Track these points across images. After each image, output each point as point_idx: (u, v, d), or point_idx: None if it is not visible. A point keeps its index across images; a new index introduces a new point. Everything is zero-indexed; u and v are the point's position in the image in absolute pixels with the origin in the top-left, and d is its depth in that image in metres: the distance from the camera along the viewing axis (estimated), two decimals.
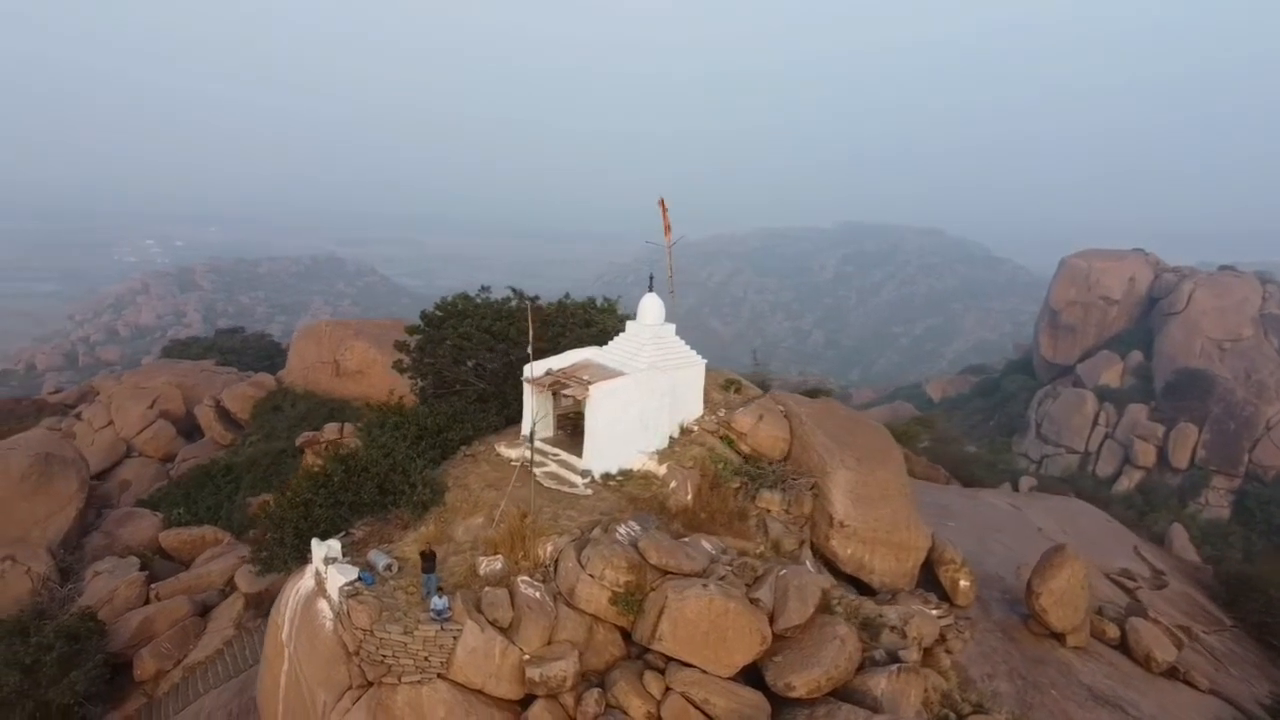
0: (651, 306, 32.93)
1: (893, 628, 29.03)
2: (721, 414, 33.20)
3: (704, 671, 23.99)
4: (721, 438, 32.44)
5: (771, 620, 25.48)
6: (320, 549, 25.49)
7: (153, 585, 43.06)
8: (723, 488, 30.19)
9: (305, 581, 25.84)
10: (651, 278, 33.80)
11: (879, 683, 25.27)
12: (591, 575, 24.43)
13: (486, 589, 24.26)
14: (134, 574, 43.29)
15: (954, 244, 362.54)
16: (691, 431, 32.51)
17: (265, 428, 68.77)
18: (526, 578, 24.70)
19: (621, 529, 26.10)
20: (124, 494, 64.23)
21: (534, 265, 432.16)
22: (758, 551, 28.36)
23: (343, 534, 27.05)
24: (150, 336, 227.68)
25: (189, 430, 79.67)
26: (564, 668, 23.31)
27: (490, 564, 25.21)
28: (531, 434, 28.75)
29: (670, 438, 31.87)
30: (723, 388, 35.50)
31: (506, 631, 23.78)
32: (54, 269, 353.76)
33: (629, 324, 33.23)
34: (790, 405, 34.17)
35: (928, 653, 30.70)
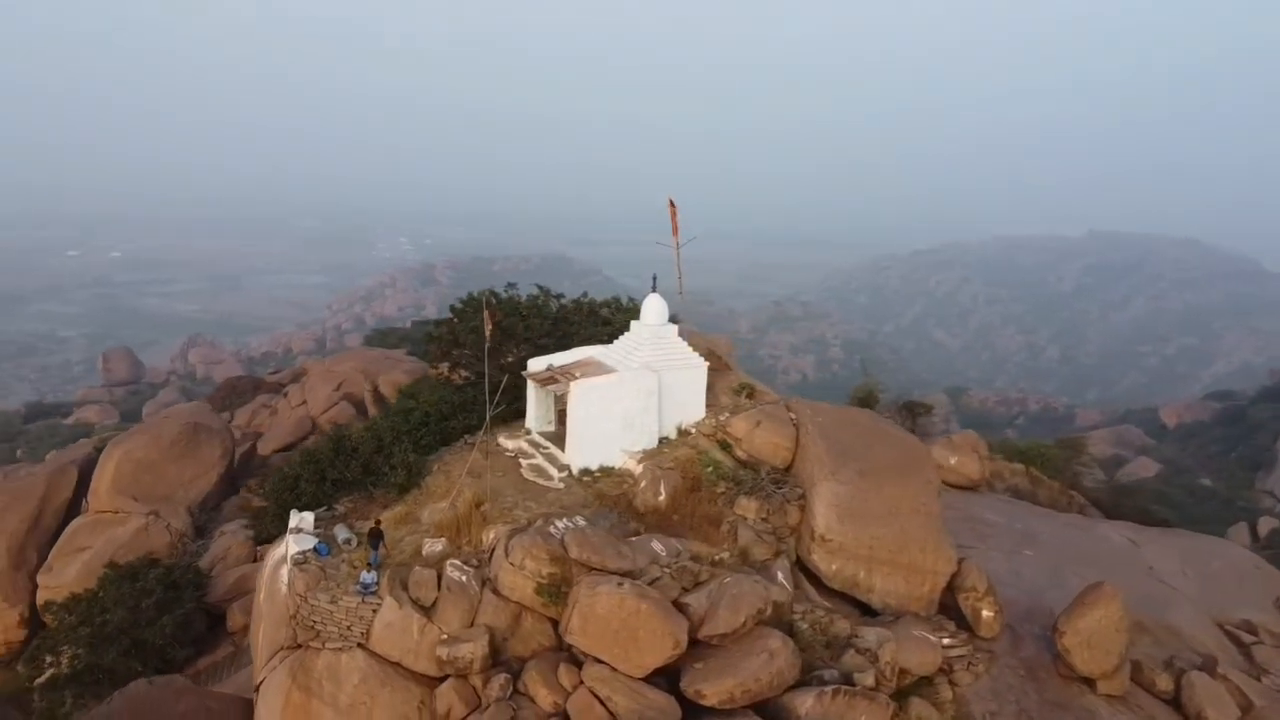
0: (652, 307, 33.19)
1: (864, 650, 27.84)
2: (724, 418, 32.83)
3: (614, 669, 24.16)
4: (718, 442, 32.13)
5: (701, 626, 25.28)
6: (294, 519, 27.80)
7: (259, 546, 47.61)
8: (703, 491, 29.96)
9: (280, 549, 28.22)
10: (655, 278, 34.01)
11: (805, 701, 24.55)
12: (513, 564, 25.20)
13: (416, 568, 25.60)
14: (245, 534, 48.01)
15: (1215, 256, 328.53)
16: (689, 434, 32.44)
17: None
18: (456, 561, 25.81)
19: (560, 522, 26.64)
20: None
21: (759, 269, 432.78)
22: (716, 558, 27.95)
23: (325, 508, 29.30)
24: (391, 326, 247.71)
25: (366, 411, 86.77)
26: (472, 650, 24.24)
27: (433, 545, 26.57)
28: (486, 426, 29.83)
29: (663, 438, 31.98)
30: (735, 391, 35.04)
31: (428, 611, 25.02)
32: (322, 263, 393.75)
33: (633, 324, 33.62)
34: (802, 413, 33.23)
35: (928, 682, 29.32)
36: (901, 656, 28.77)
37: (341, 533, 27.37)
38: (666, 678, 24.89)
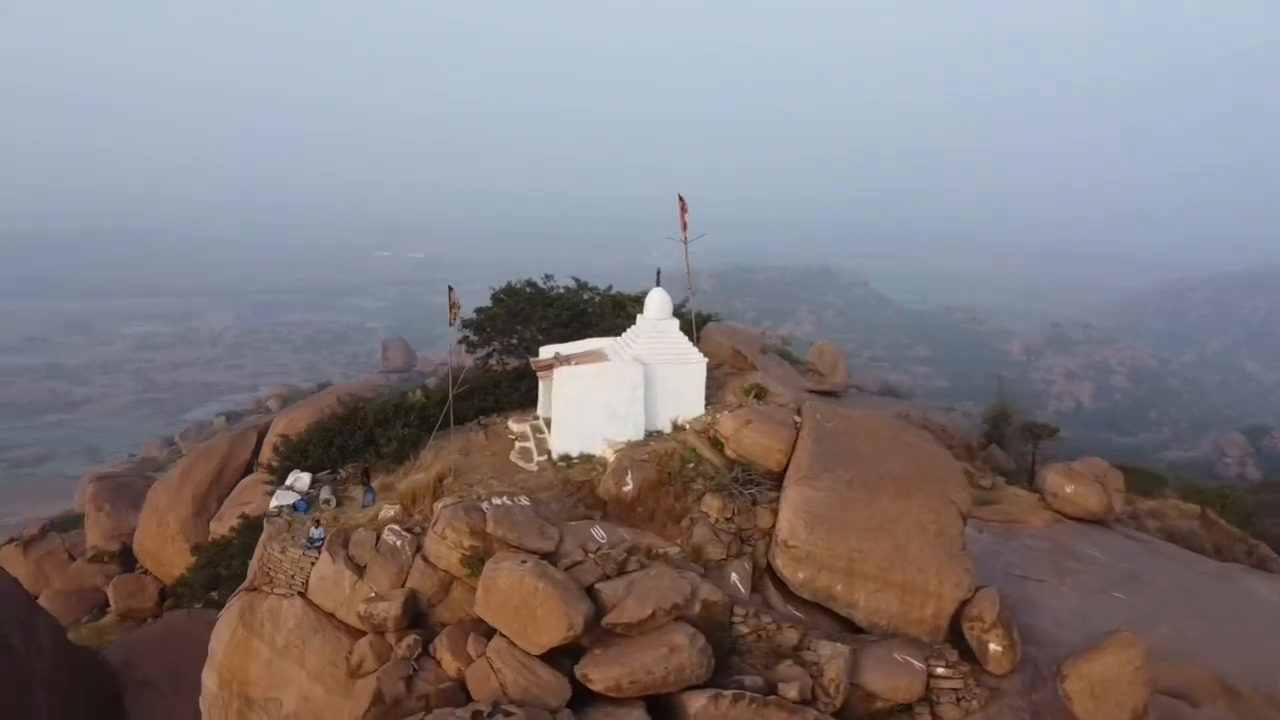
0: (655, 301, 33.18)
1: (810, 663, 26.58)
2: (720, 415, 32.14)
3: (512, 643, 24.76)
4: (710, 439, 31.56)
5: (609, 612, 25.28)
6: (291, 478, 30.70)
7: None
8: (674, 485, 29.62)
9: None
10: (659, 272, 33.91)
11: (697, 701, 23.98)
12: (437, 533, 26.42)
13: (358, 529, 27.51)
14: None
15: None
16: (683, 429, 32.14)
17: None
18: (395, 526, 27.40)
19: (498, 500, 27.44)
20: None
21: (1041, 288, 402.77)
22: (661, 551, 27.61)
23: (329, 470, 32.03)
24: None
25: None
26: (387, 609, 25.70)
27: (387, 510, 28.36)
28: (449, 411, 31.13)
29: (655, 431, 31.93)
30: (745, 392, 34.07)
31: (362, 569, 26.82)
32: (598, 267, 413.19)
33: (638, 317, 33.75)
34: (808, 416, 31.86)
35: (905, 710, 27.58)
36: (870, 678, 27.09)
37: (324, 493, 29.88)
38: (574, 659, 25.15)
